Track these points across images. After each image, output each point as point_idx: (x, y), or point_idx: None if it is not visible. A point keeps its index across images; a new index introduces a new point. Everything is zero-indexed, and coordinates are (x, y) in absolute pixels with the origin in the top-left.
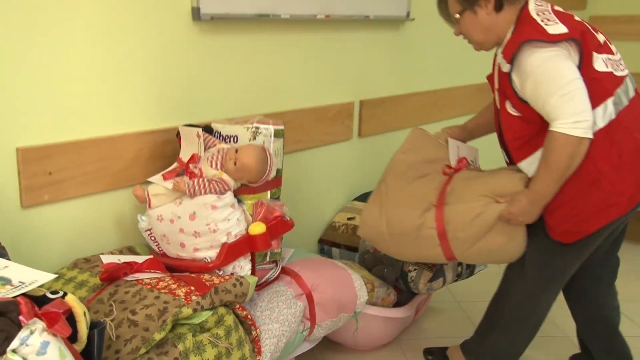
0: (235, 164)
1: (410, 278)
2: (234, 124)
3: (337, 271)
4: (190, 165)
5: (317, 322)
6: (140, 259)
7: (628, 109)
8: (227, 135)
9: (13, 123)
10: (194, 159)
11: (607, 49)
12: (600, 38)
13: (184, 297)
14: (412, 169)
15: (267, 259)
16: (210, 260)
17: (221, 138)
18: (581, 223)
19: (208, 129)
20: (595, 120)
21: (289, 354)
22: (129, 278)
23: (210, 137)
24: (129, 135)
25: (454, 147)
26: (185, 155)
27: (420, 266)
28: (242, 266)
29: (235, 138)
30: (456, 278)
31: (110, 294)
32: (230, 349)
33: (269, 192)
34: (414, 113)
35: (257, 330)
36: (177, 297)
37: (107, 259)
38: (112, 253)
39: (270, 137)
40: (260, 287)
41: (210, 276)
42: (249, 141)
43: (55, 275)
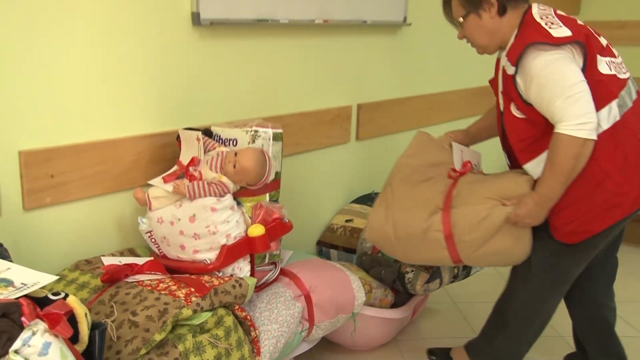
0: (234, 167)
1: (408, 279)
2: (234, 128)
3: (335, 273)
4: (190, 168)
5: (316, 322)
6: (140, 261)
7: (632, 111)
8: (226, 139)
9: (15, 127)
10: (194, 162)
11: (609, 52)
12: (602, 41)
13: (184, 299)
14: (417, 173)
15: (266, 261)
16: (210, 262)
17: (221, 141)
18: (586, 223)
19: (208, 133)
20: (600, 122)
21: (287, 354)
22: (130, 279)
23: (210, 140)
24: (130, 139)
25: (458, 151)
26: (185, 158)
27: (417, 268)
28: (242, 268)
29: (235, 141)
30: (453, 279)
31: (111, 295)
32: (230, 350)
33: (267, 194)
34: (411, 116)
35: (256, 331)
36: (177, 299)
37: (108, 261)
38: (113, 255)
39: (269, 140)
40: (260, 289)
41: (210, 278)
42: (248, 144)
43: (57, 277)
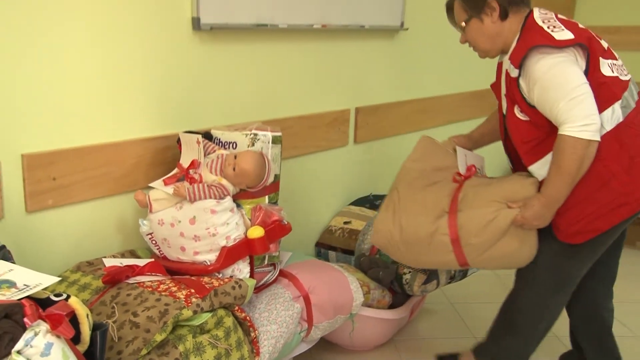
0: (234, 170)
1: (405, 280)
2: (233, 131)
3: (334, 274)
4: (191, 170)
5: (314, 323)
6: (141, 262)
7: (636, 112)
8: (226, 142)
9: (18, 130)
10: (194, 164)
11: (611, 55)
12: (604, 44)
13: (184, 300)
14: (422, 177)
15: (266, 262)
16: (210, 264)
17: (220, 144)
18: (592, 223)
19: (208, 136)
20: (603, 123)
21: (286, 354)
22: (131, 281)
23: (210, 143)
24: (131, 142)
25: (462, 155)
26: (185, 161)
27: (415, 269)
28: (241, 269)
29: (234, 144)
30: (449, 280)
31: (113, 296)
32: (230, 350)
33: (267, 196)
34: (408, 119)
35: (256, 331)
36: (178, 300)
37: (109, 262)
38: (115, 256)
39: (268, 143)
40: (259, 290)
41: (210, 279)
42: (248, 147)
43: (59, 278)
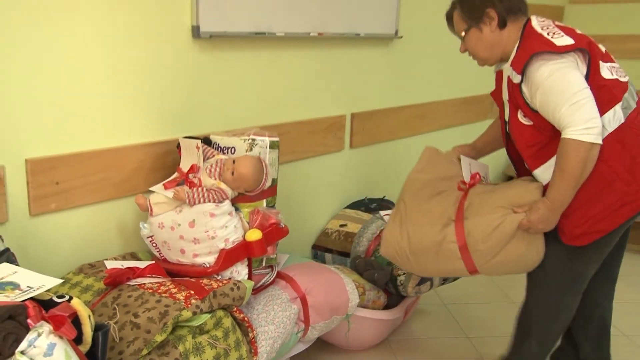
0: (232, 174)
1: (400, 282)
2: (232, 136)
3: (330, 275)
4: (190, 175)
5: (311, 324)
6: (142, 265)
7: (636, 112)
8: (225, 147)
9: (22, 136)
10: (194, 169)
11: (609, 58)
12: (602, 48)
13: (184, 301)
14: (428, 187)
15: (263, 264)
16: (209, 266)
17: (219, 149)
18: (596, 224)
19: (207, 141)
20: (605, 125)
21: (284, 354)
22: (132, 283)
23: (209, 148)
24: (132, 147)
25: (466, 164)
26: (185, 166)
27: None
28: (240, 271)
29: (233, 149)
30: (443, 281)
31: (114, 297)
32: (228, 350)
33: (264, 200)
34: (403, 125)
35: (254, 332)
36: (178, 301)
37: (111, 265)
38: (116, 259)
39: (266, 148)
40: (257, 291)
41: (209, 281)
42: (246, 152)
43: (62, 280)
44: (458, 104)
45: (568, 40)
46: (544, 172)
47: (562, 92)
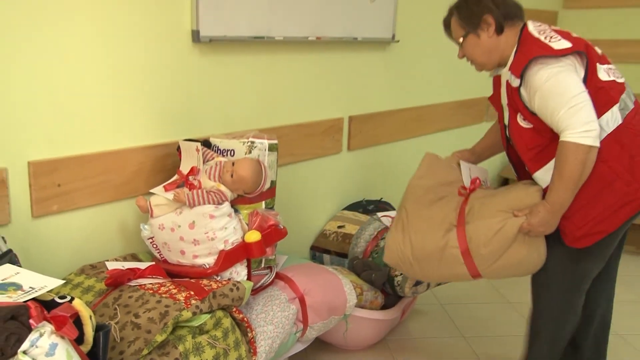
0: (232, 176)
1: (397, 282)
2: (231, 139)
3: (328, 276)
4: (190, 177)
5: (309, 324)
6: (143, 266)
7: (633, 112)
8: (224, 149)
9: (25, 138)
10: (194, 171)
11: (606, 60)
12: (598, 50)
13: (184, 301)
14: (429, 193)
15: (262, 265)
16: (208, 267)
17: (219, 152)
18: (597, 225)
19: (207, 143)
20: (603, 126)
21: (282, 354)
22: (133, 283)
23: (209, 150)
24: (132, 150)
25: (466, 169)
26: (185, 168)
27: None
28: (239, 272)
29: (232, 152)
30: (439, 282)
31: (115, 298)
32: (228, 350)
33: (263, 202)
34: (400, 128)
35: (253, 332)
36: (178, 301)
37: (112, 266)
38: (117, 260)
39: (265, 150)
40: (256, 292)
41: (209, 281)
42: (245, 155)
43: (63, 281)
44: (454, 107)
45: (565, 44)
46: (544, 175)
47: (560, 95)
